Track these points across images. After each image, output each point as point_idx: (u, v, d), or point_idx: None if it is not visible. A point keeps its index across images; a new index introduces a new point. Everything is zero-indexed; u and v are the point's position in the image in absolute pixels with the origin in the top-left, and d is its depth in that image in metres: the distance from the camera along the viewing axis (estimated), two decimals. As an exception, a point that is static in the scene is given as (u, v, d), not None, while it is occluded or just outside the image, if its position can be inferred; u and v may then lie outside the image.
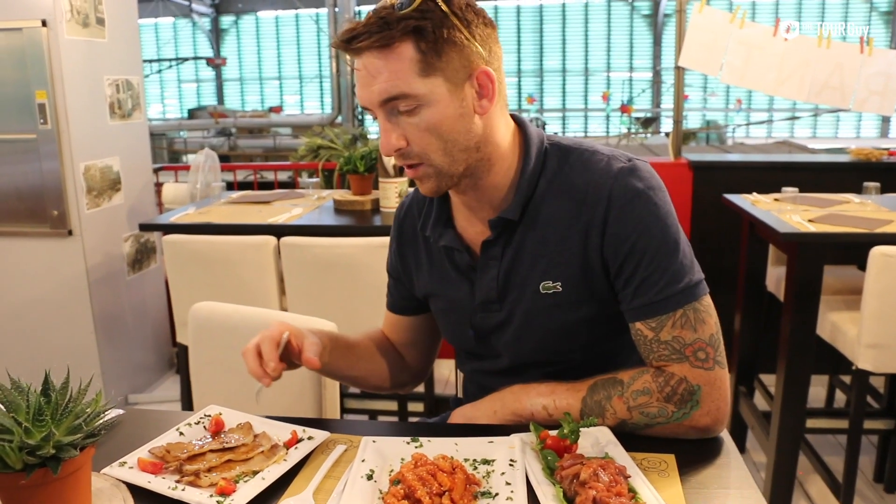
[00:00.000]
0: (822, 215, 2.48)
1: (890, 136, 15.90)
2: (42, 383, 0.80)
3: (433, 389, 3.02)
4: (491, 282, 1.18)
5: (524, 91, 19.43)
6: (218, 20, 18.94)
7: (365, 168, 2.94)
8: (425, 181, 1.11)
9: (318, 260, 2.45)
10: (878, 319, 2.15)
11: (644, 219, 1.07)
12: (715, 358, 1.06)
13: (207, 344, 1.65)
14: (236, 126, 12.72)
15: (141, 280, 3.66)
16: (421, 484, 0.88)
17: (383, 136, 1.07)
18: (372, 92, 1.03)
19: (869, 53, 3.29)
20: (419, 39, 1.01)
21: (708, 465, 0.99)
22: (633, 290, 1.08)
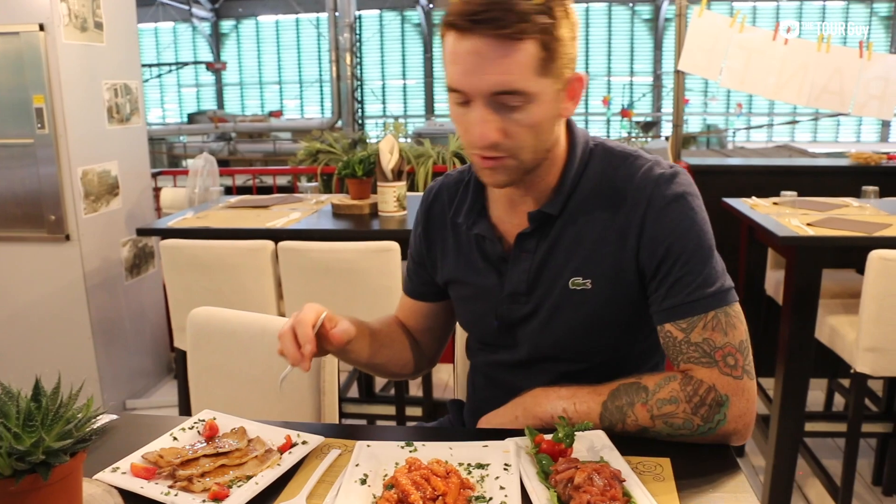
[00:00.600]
0: (821, 219, 2.48)
1: (890, 140, 15.92)
2: (32, 388, 0.79)
3: (431, 394, 3.01)
4: (522, 274, 1.19)
5: (525, 95, 19.43)
6: (218, 24, 18.97)
7: (363, 172, 2.93)
8: (500, 173, 1.10)
9: (315, 264, 2.45)
10: (877, 323, 2.14)
11: (681, 223, 1.09)
12: (744, 366, 1.05)
13: (206, 349, 1.65)
14: (236, 130, 12.74)
15: (139, 285, 3.66)
16: (415, 488, 0.87)
17: (480, 126, 1.03)
18: (482, 80, 1.01)
19: (868, 58, 3.29)
20: (545, 38, 1.01)
21: (704, 469, 0.99)
22: (666, 290, 1.09)
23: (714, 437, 1.03)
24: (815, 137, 17.23)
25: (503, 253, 1.21)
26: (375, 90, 19.16)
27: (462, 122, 1.07)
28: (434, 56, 19.42)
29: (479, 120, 1.03)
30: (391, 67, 19.63)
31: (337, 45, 11.97)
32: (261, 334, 1.60)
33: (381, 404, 3.09)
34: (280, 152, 11.40)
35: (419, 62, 19.62)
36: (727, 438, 1.04)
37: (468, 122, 1.05)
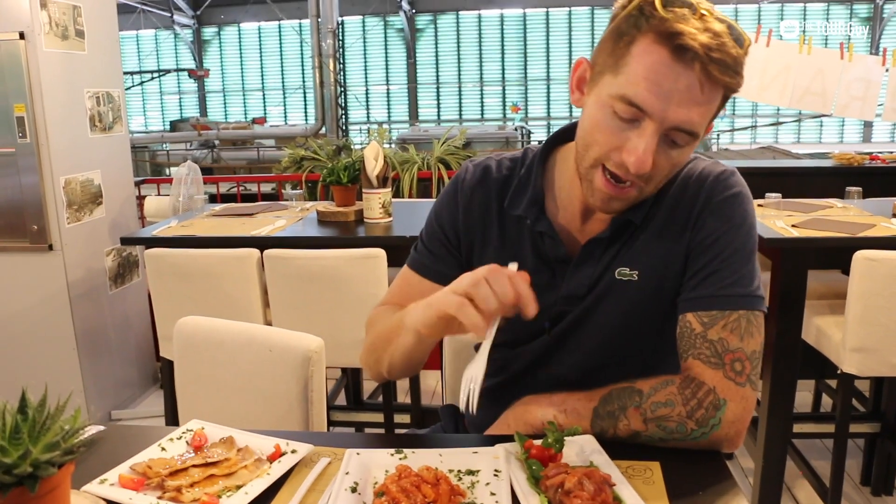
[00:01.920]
0: (806, 220, 2.50)
1: (873, 140, 16.09)
2: (19, 400, 0.78)
3: (420, 400, 3.01)
4: (585, 279, 1.17)
5: (509, 100, 19.51)
6: (200, 31, 18.90)
7: (348, 179, 2.93)
8: (619, 202, 1.08)
9: (302, 272, 2.44)
10: (862, 323, 2.16)
11: (734, 218, 1.11)
12: (749, 375, 1.05)
13: (193, 359, 1.64)
14: (219, 138, 12.68)
15: (123, 294, 3.63)
16: (404, 496, 0.87)
17: (644, 153, 0.99)
18: (677, 113, 0.98)
19: (849, 59, 3.32)
20: (730, 91, 1.01)
21: (694, 472, 0.99)
22: (699, 280, 1.10)
23: (706, 442, 1.03)
24: (798, 138, 17.40)
25: (566, 255, 1.19)
26: (359, 96, 19.16)
27: (613, 136, 1.02)
28: (417, 61, 19.44)
29: (645, 146, 0.99)
30: (374, 73, 19.63)
31: (320, 52, 11.96)
32: (248, 344, 1.59)
33: (369, 412, 3.07)
34: (264, 159, 11.35)
35: (402, 68, 19.64)
36: (719, 444, 1.04)
37: (624, 140, 1.01)
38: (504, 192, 1.24)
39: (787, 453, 2.52)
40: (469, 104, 20.08)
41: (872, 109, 3.40)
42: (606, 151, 1.03)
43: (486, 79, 19.86)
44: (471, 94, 19.99)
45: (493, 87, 19.98)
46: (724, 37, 0.95)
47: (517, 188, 1.22)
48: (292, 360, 1.52)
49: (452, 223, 1.26)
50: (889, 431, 2.68)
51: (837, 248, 2.32)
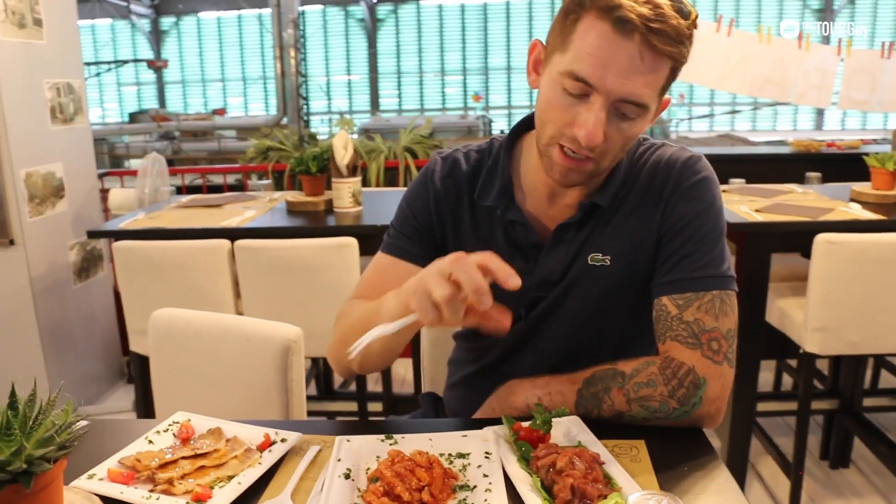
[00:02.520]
0: (768, 205, 2.56)
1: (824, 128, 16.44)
2: (9, 396, 0.77)
3: (391, 388, 3.02)
4: (557, 264, 1.20)
5: (470, 89, 19.50)
6: (158, 21, 18.50)
7: (317, 169, 2.91)
8: (576, 174, 1.10)
9: (273, 262, 2.43)
10: (824, 304, 2.22)
11: (702, 201, 1.14)
12: (726, 353, 1.08)
13: (169, 351, 1.63)
14: (179, 129, 12.47)
15: (88, 289, 3.57)
16: (399, 480, 0.88)
17: (594, 126, 1.01)
18: (622, 85, 0.99)
19: (806, 49, 3.40)
20: (679, 62, 1.02)
21: (678, 448, 1.02)
22: (673, 264, 1.13)
23: (689, 420, 1.06)
24: (754, 126, 17.69)
25: (538, 241, 1.21)
26: (322, 86, 18.98)
27: (565, 112, 1.05)
28: (378, 51, 19.32)
29: (594, 119, 1.01)
30: (335, 63, 19.46)
31: (281, 42, 11.81)
32: (225, 334, 1.59)
33: (340, 401, 3.08)
34: (225, 150, 11.20)
35: (363, 57, 19.49)
36: (700, 421, 1.07)
37: (575, 115, 1.03)
38: (473, 183, 1.26)
39: (752, 431, 2.59)
40: (430, 94, 20.01)
41: (828, 97, 3.49)
42: (560, 128, 1.06)
43: (448, 69, 19.81)
44: (432, 83, 19.93)
45: (454, 77, 19.94)
46: (665, 8, 0.97)
47: (486, 179, 1.24)
48: (271, 349, 1.52)
49: (425, 213, 1.28)
50: (846, 407, 2.78)
51: (799, 232, 2.38)
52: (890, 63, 3.44)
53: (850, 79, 3.44)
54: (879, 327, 2.23)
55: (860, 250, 2.16)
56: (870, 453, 2.82)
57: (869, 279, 2.18)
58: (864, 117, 16.13)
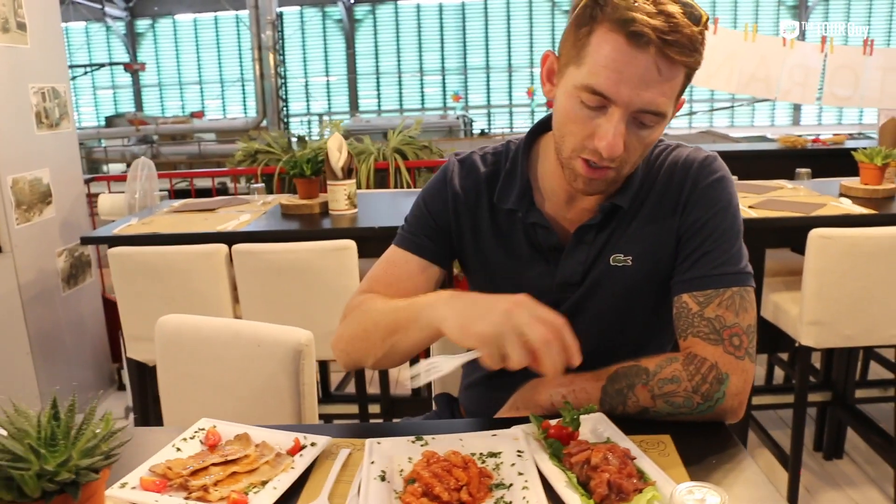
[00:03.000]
0: (761, 201, 2.60)
1: (801, 123, 16.66)
2: (51, 406, 0.77)
3: (388, 390, 3.02)
4: (578, 265, 1.21)
5: (449, 89, 19.52)
6: (133, 24, 18.32)
7: (312, 171, 2.91)
8: (599, 184, 1.11)
9: (271, 266, 2.42)
10: (818, 298, 2.26)
11: (720, 201, 1.16)
12: (747, 348, 1.10)
13: (176, 357, 1.62)
14: (158, 133, 12.36)
15: (77, 296, 3.53)
16: (437, 481, 0.89)
17: (614, 138, 1.03)
18: (640, 96, 1.01)
19: (790, 46, 3.45)
20: (692, 69, 1.04)
21: (703, 442, 1.03)
22: (692, 262, 1.15)
23: (712, 414, 1.08)
24: (732, 123, 17.90)
25: (559, 243, 1.22)
26: (299, 88, 18.90)
27: (584, 125, 1.06)
28: (357, 52, 19.28)
29: (614, 131, 1.03)
30: (313, 65, 19.38)
31: (259, 43, 11.76)
32: (234, 339, 1.58)
33: (339, 403, 3.08)
34: (205, 154, 11.12)
35: (342, 58, 19.44)
36: (723, 416, 1.09)
37: (595, 128, 1.05)
38: (492, 185, 1.27)
39: (749, 425, 2.63)
40: (409, 94, 20.01)
41: (813, 94, 3.55)
42: (581, 140, 1.07)
43: (426, 68, 19.82)
44: (411, 83, 19.92)
45: (433, 77, 19.94)
46: (678, 17, 0.98)
47: (505, 182, 1.25)
48: (282, 353, 1.52)
49: (442, 214, 1.29)
50: (839, 399, 2.82)
51: (792, 228, 2.42)
52: (871, 59, 3.50)
53: (832, 75, 3.50)
54: (872, 320, 2.27)
55: (853, 244, 2.20)
56: (862, 444, 2.87)
57: (861, 273, 2.21)
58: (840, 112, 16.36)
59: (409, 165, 4.25)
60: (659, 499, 0.87)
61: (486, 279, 1.29)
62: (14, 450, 0.72)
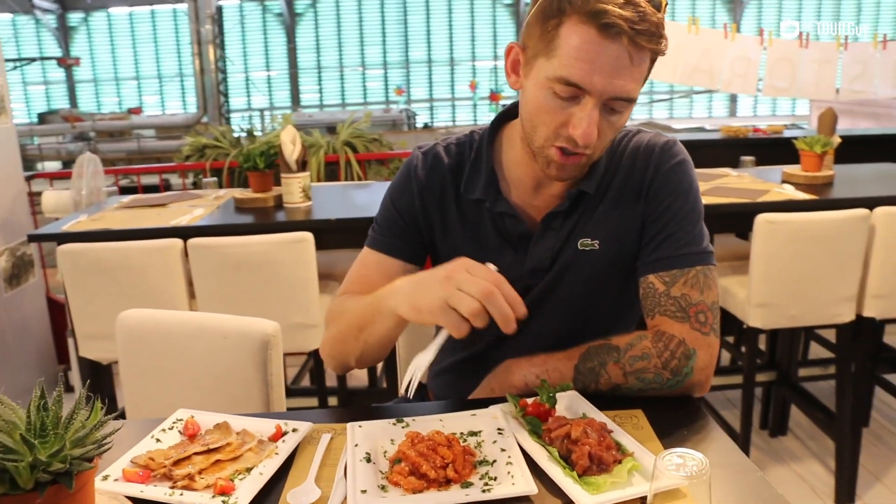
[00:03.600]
0: (708, 188, 2.68)
1: (738, 114, 17.11)
2: (39, 397, 0.76)
3: (346, 383, 3.03)
4: (546, 251, 1.24)
5: (391, 83, 19.46)
6: (65, 17, 17.71)
7: (265, 165, 2.88)
8: (572, 170, 1.14)
9: (229, 260, 2.40)
10: (765, 281, 2.35)
11: (681, 184, 1.20)
12: (712, 324, 1.15)
13: (140, 353, 1.59)
14: (95, 130, 11.98)
15: (20, 297, 3.43)
16: (424, 459, 0.91)
17: (590, 126, 1.06)
18: (612, 84, 1.03)
19: (732, 39, 3.55)
20: (658, 53, 1.06)
21: (674, 415, 1.08)
22: (657, 244, 1.18)
23: (681, 389, 1.13)
24: (671, 114, 18.28)
25: (527, 231, 1.24)
26: (240, 83, 18.59)
27: (557, 115, 1.08)
28: (298, 46, 19.06)
29: (588, 119, 1.05)
30: (254, 59, 19.08)
31: (199, 38, 11.52)
32: (199, 332, 1.57)
33: (298, 397, 3.06)
34: (145, 151, 10.83)
35: (282, 53, 19.19)
36: (691, 390, 1.14)
37: (568, 116, 1.07)
38: (457, 176, 1.29)
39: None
40: (351, 88, 19.87)
41: (753, 85, 3.67)
42: (554, 129, 1.10)
43: (368, 63, 19.71)
44: (353, 78, 19.79)
45: (375, 71, 19.84)
46: (644, 6, 1.01)
47: (471, 172, 1.27)
48: (249, 345, 1.52)
49: (409, 209, 1.31)
50: (784, 378, 2.94)
51: (737, 213, 2.51)
52: (807, 53, 3.64)
53: (772, 67, 3.62)
54: (815, 300, 2.37)
55: (796, 229, 2.29)
56: (804, 420, 3.00)
57: (805, 256, 2.31)
58: (774, 103, 16.87)
59: (360, 158, 4.25)
60: (639, 468, 0.91)
61: None
62: (5, 442, 0.71)
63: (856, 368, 2.52)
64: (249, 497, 0.89)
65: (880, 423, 3.01)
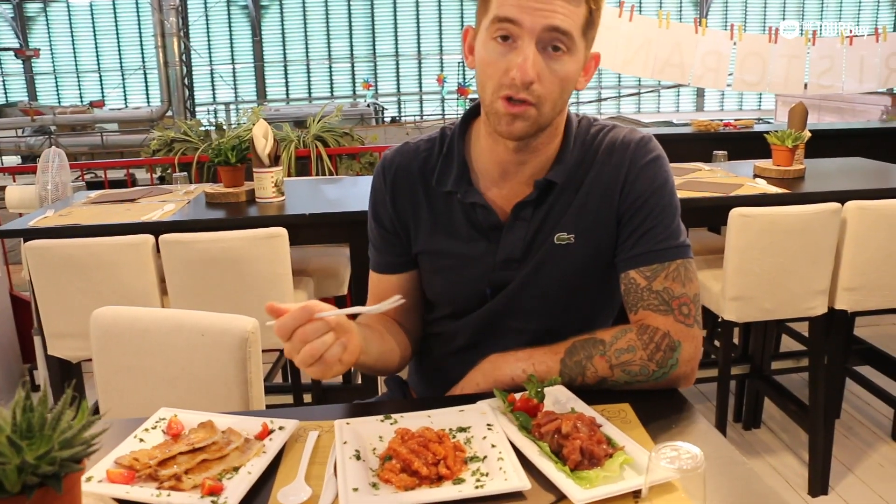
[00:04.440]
0: (682, 182, 2.70)
1: (705, 109, 17.36)
2: (24, 398, 0.73)
3: (319, 380, 3.00)
4: (517, 241, 1.23)
5: (358, 77, 19.37)
6: (22, 7, 17.31)
7: (237, 159, 2.84)
8: (521, 121, 1.12)
9: (202, 256, 2.36)
10: (740, 274, 2.37)
11: (657, 179, 1.20)
12: (695, 316, 1.16)
13: (115, 350, 1.56)
14: (56, 123, 11.73)
15: (-18, 294, 3.34)
16: (415, 456, 0.90)
17: (523, 62, 1.06)
18: (544, 16, 1.05)
19: (702, 34, 3.59)
20: (593, 6, 1.09)
21: (660, 408, 1.09)
22: (636, 239, 1.18)
23: (667, 381, 1.13)
24: (639, 109, 18.47)
25: (498, 221, 1.24)
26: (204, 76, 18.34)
27: (500, 63, 1.09)
28: (263, 39, 18.87)
29: (524, 56, 1.07)
30: (218, 52, 18.85)
31: (163, 30, 11.33)
32: (177, 330, 1.55)
33: (270, 395, 3.03)
34: (108, 145, 10.64)
35: (248, 46, 18.98)
36: (677, 382, 1.15)
37: (508, 62, 1.08)
38: (426, 172, 1.29)
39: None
40: (318, 82, 19.74)
41: (724, 79, 3.71)
42: (498, 79, 1.11)
43: (335, 56, 19.59)
44: (319, 71, 19.65)
45: (342, 65, 19.74)
46: None
47: (442, 166, 1.28)
48: (228, 342, 1.50)
49: (386, 214, 1.32)
50: (757, 371, 2.98)
51: (710, 208, 2.53)
52: (776, 48, 3.69)
53: (742, 62, 3.66)
54: (789, 293, 2.41)
55: (770, 222, 2.32)
56: (777, 413, 3.05)
57: (778, 249, 2.34)
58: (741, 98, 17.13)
59: (330, 153, 4.21)
60: (630, 462, 0.91)
61: (431, 263, 1.31)
62: (-11, 444, 0.68)
63: (828, 361, 2.56)
64: (239, 497, 0.88)
65: (851, 415, 3.07)
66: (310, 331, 0.98)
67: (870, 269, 2.42)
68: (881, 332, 3.77)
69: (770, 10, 16.89)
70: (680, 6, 16.20)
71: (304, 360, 0.99)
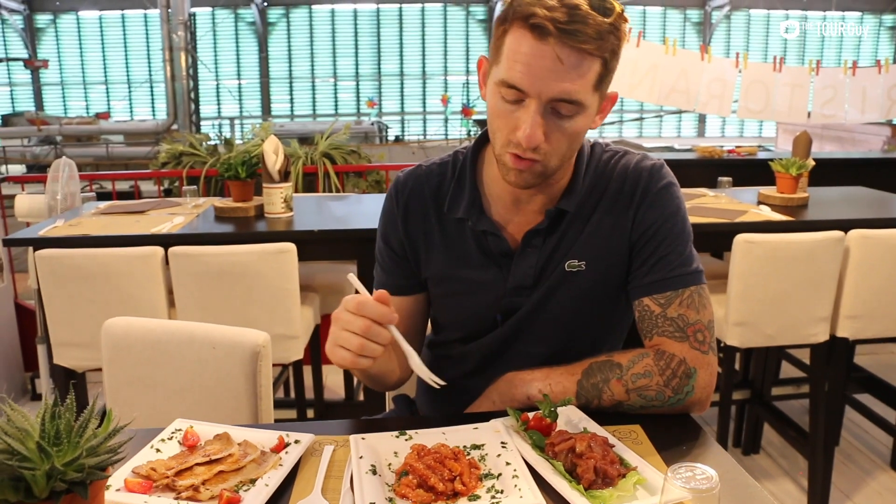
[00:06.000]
0: (687, 208, 2.71)
1: (706, 135, 17.44)
2: (52, 404, 0.75)
3: (322, 396, 3.01)
4: (529, 269, 1.24)
5: (363, 95, 19.46)
6: (32, 18, 17.45)
7: (247, 174, 2.86)
8: (528, 175, 1.13)
9: (210, 269, 2.38)
10: (743, 299, 2.39)
11: (669, 207, 1.21)
12: (710, 343, 1.17)
13: (126, 361, 1.57)
14: (62, 133, 11.78)
15: (-12, 302, 3.35)
16: (432, 472, 0.91)
17: (531, 128, 1.06)
18: (549, 86, 1.04)
19: (708, 61, 3.63)
20: (608, 57, 1.06)
21: (671, 431, 1.10)
22: (650, 267, 1.19)
23: (682, 407, 1.14)
24: (641, 133, 18.55)
25: (509, 249, 1.25)
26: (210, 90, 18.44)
27: (508, 119, 1.10)
28: (270, 56, 18.98)
29: (531, 121, 1.07)
30: (225, 67, 18.96)
31: (171, 44, 11.41)
32: (188, 342, 1.56)
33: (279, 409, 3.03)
34: (113, 156, 10.68)
35: (254, 62, 19.09)
36: (691, 408, 1.16)
37: (516, 121, 1.09)
38: (438, 197, 1.30)
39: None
40: (323, 99, 19.83)
41: (728, 107, 3.75)
42: (506, 134, 1.12)
43: (340, 74, 19.70)
44: (324, 89, 19.75)
45: (346, 83, 19.84)
46: (582, 8, 1.03)
47: (454, 192, 1.28)
48: (239, 355, 1.51)
49: (396, 237, 1.33)
50: (758, 397, 2.98)
51: (720, 233, 2.55)
52: (780, 76, 3.73)
53: (747, 90, 3.70)
54: (791, 319, 2.42)
55: (774, 249, 2.34)
56: (776, 438, 3.05)
57: (782, 275, 2.36)
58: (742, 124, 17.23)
59: (338, 170, 4.24)
60: (643, 482, 0.92)
61: (442, 288, 1.32)
62: (20, 450, 0.70)
63: (828, 388, 2.57)
64: (257, 508, 0.89)
65: (850, 443, 3.07)
66: (375, 333, 1.04)
67: (872, 297, 2.43)
68: (880, 360, 3.78)
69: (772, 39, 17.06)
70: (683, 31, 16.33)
71: (355, 346, 1.04)
